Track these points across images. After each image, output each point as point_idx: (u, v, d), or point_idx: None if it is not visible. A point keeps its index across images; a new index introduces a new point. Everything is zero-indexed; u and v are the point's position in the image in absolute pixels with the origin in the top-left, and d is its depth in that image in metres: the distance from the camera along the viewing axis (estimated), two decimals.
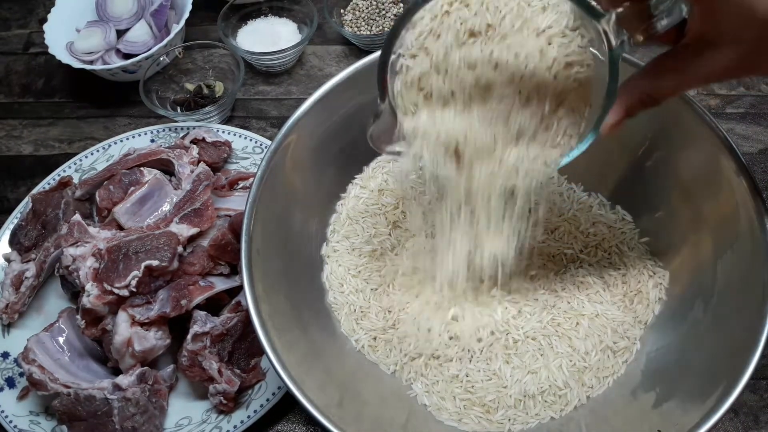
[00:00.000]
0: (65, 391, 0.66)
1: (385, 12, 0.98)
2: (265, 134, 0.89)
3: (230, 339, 0.70)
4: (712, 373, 0.54)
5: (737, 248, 0.59)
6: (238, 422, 0.67)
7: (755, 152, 0.85)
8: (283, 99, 0.95)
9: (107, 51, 0.95)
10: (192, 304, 0.68)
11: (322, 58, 0.99)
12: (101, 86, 0.97)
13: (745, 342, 0.53)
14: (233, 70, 0.92)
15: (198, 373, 0.67)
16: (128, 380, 0.66)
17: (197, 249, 0.72)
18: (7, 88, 1.00)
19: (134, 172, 0.78)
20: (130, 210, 0.74)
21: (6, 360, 0.72)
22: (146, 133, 0.86)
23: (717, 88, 0.91)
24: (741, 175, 0.59)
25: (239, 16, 0.97)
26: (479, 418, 0.60)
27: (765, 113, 0.89)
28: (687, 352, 0.59)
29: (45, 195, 0.79)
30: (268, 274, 0.60)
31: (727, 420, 0.68)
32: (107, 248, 0.69)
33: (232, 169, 0.84)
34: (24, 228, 0.78)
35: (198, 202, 0.73)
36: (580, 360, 0.61)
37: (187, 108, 0.91)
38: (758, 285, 0.55)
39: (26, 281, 0.73)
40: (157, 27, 0.95)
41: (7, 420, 0.68)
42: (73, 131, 0.95)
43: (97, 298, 0.67)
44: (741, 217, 0.58)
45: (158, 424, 0.67)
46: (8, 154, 0.93)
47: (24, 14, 1.09)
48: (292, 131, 0.65)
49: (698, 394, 0.54)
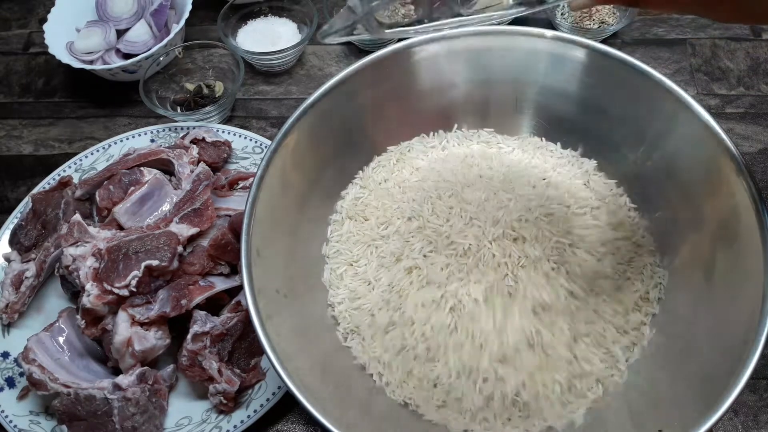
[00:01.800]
0: (65, 391, 0.66)
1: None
2: (265, 134, 0.89)
3: (230, 339, 0.70)
4: (712, 372, 0.54)
5: (737, 248, 0.59)
6: (238, 422, 0.67)
7: (755, 152, 0.86)
8: (283, 99, 0.95)
9: (107, 51, 0.95)
10: (192, 304, 0.68)
11: (322, 58, 0.99)
12: (101, 86, 0.97)
13: (744, 341, 0.53)
14: (233, 70, 0.92)
15: (198, 372, 0.67)
16: (128, 380, 0.66)
17: (197, 249, 0.72)
18: (7, 88, 1.00)
19: (134, 171, 0.78)
20: (130, 210, 0.74)
21: (6, 360, 0.72)
22: (146, 133, 0.86)
23: (717, 88, 0.91)
24: (741, 175, 0.59)
25: (239, 16, 0.97)
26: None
27: (765, 113, 0.89)
28: (687, 352, 0.59)
29: (45, 195, 0.79)
30: (268, 274, 0.60)
31: (727, 420, 0.68)
32: (107, 248, 0.69)
33: (232, 168, 0.84)
34: (24, 228, 0.78)
35: (198, 202, 0.73)
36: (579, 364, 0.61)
37: (187, 108, 0.92)
38: (758, 285, 0.55)
39: (26, 281, 0.73)
40: (157, 27, 0.95)
41: (7, 420, 0.68)
42: (73, 131, 0.95)
43: (97, 298, 0.67)
44: (741, 217, 0.58)
45: (158, 423, 0.67)
46: (8, 154, 0.93)
47: (24, 14, 1.09)
48: (292, 131, 0.65)
49: (698, 393, 0.54)
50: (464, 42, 0.70)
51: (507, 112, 0.75)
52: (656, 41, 0.96)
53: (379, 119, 0.73)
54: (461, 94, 0.74)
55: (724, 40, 0.96)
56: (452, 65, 0.72)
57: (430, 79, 0.73)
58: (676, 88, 0.64)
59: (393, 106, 0.73)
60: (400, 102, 0.73)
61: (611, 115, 0.70)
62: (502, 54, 0.71)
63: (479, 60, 0.72)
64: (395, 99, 0.73)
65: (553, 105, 0.73)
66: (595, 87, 0.70)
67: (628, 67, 0.66)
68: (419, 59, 0.71)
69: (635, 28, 0.98)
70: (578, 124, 0.73)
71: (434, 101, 0.74)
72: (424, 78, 0.72)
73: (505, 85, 0.73)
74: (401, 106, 0.74)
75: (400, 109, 0.74)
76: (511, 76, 0.73)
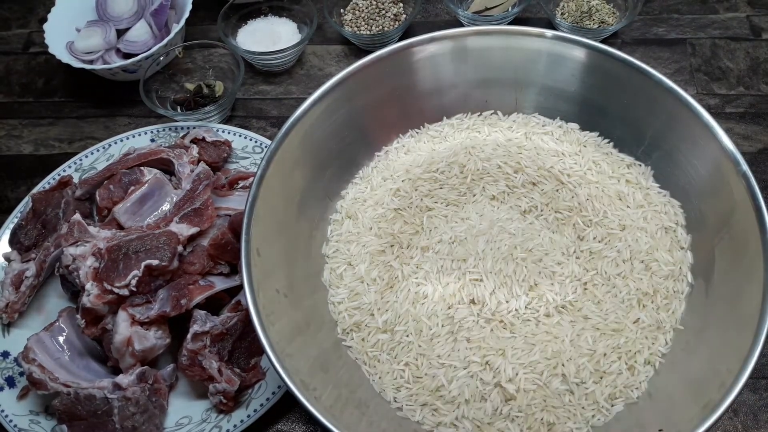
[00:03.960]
0: (65, 391, 0.66)
1: (385, 12, 0.98)
2: (265, 134, 0.89)
3: (230, 338, 0.70)
4: (712, 372, 0.54)
5: (737, 248, 0.59)
6: (238, 421, 0.67)
7: (755, 152, 0.86)
8: (283, 99, 0.95)
9: (107, 50, 0.95)
10: (192, 304, 0.68)
11: (321, 57, 0.99)
12: (101, 86, 0.97)
13: (744, 341, 0.53)
14: (233, 70, 0.92)
15: (198, 372, 0.67)
16: (128, 379, 0.66)
17: (197, 248, 0.72)
18: (7, 88, 1.00)
19: (134, 171, 0.78)
20: (130, 209, 0.74)
21: (6, 359, 0.72)
22: (146, 133, 0.86)
23: (717, 88, 0.91)
24: (740, 175, 0.59)
25: (239, 16, 0.97)
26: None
27: (764, 113, 0.89)
28: (687, 351, 0.59)
29: (45, 194, 0.79)
30: (268, 274, 0.60)
31: (727, 419, 0.68)
32: (107, 248, 0.69)
33: (231, 168, 0.84)
34: (24, 227, 0.78)
35: (198, 202, 0.73)
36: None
37: (187, 107, 0.92)
38: (758, 285, 0.55)
39: (26, 281, 0.73)
40: (157, 26, 0.95)
41: (7, 419, 0.68)
42: (73, 131, 0.95)
43: (97, 298, 0.67)
44: (741, 217, 0.58)
45: (158, 423, 0.67)
46: (8, 153, 0.93)
47: (24, 14, 1.09)
48: (291, 131, 0.65)
49: (699, 393, 0.54)
50: (464, 42, 0.70)
51: (507, 111, 0.75)
52: (656, 41, 0.96)
53: (378, 119, 0.73)
54: (461, 93, 0.74)
55: (724, 39, 0.96)
56: (452, 65, 0.72)
57: (430, 79, 0.73)
58: (676, 87, 0.64)
59: (393, 105, 0.73)
60: (400, 102, 0.73)
61: (611, 115, 0.70)
62: (502, 54, 0.71)
63: (479, 60, 0.72)
64: (395, 99, 0.73)
65: (552, 105, 0.73)
66: (595, 87, 0.70)
67: (628, 67, 0.66)
68: (419, 59, 0.71)
69: (635, 28, 0.98)
70: (578, 123, 0.73)
71: (434, 101, 0.74)
72: (424, 78, 0.72)
73: (505, 84, 0.73)
74: (401, 106, 0.74)
75: (400, 109, 0.74)
76: (511, 75, 0.73)
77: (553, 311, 0.61)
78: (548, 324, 0.61)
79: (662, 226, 0.66)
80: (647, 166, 0.69)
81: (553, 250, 0.64)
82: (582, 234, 0.65)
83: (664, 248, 0.64)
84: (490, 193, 0.69)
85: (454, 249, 0.65)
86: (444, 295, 0.63)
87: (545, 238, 0.65)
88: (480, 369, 0.59)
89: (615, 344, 0.60)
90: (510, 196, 0.68)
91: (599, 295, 0.62)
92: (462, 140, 0.74)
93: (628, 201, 0.67)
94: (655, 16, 0.99)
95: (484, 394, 0.59)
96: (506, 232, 0.65)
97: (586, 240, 0.65)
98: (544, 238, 0.65)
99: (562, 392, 0.58)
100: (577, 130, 0.73)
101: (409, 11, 0.97)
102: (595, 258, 0.64)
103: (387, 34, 0.94)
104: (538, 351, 0.59)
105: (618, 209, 0.67)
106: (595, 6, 0.96)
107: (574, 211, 0.66)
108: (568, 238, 0.65)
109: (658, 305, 0.62)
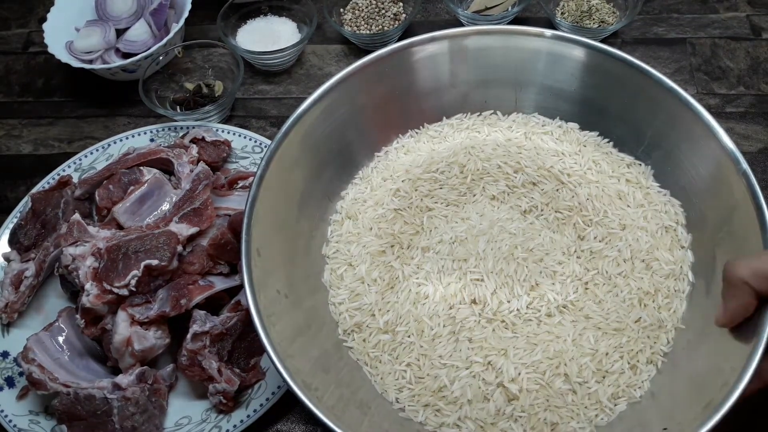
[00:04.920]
0: (65, 391, 0.66)
1: (385, 11, 0.98)
2: (265, 133, 0.89)
3: (230, 338, 0.70)
4: (715, 371, 0.54)
5: (737, 247, 0.59)
6: (238, 421, 0.67)
7: (755, 152, 0.85)
8: (283, 98, 0.95)
9: (107, 50, 0.95)
10: (191, 304, 0.68)
11: (321, 57, 0.99)
12: (101, 85, 0.97)
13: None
14: (233, 70, 0.92)
15: (198, 372, 0.67)
16: (128, 380, 0.66)
17: (197, 248, 0.72)
18: (6, 88, 1.00)
19: (134, 171, 0.78)
20: (129, 209, 0.74)
21: (6, 359, 0.72)
22: (146, 133, 0.86)
23: (717, 88, 0.91)
24: (741, 174, 0.59)
25: (239, 16, 0.97)
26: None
27: (765, 113, 0.89)
28: (688, 351, 0.59)
29: (44, 194, 0.79)
30: (268, 274, 0.60)
31: None
32: (107, 247, 0.69)
33: (231, 168, 0.84)
34: (23, 227, 0.78)
35: (197, 202, 0.73)
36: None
37: (186, 107, 0.91)
38: None
39: (26, 280, 0.73)
40: (157, 26, 0.95)
41: (7, 419, 0.68)
42: (72, 130, 0.95)
43: (97, 298, 0.66)
44: (741, 217, 0.58)
45: (158, 423, 0.67)
46: (8, 153, 0.93)
47: (23, 13, 1.09)
48: (291, 130, 0.65)
49: (701, 392, 0.54)
50: (464, 41, 0.70)
51: (507, 111, 0.75)
52: (656, 41, 0.96)
53: (378, 119, 0.73)
54: (460, 93, 0.74)
55: (724, 39, 0.96)
56: (452, 65, 0.72)
57: (429, 79, 0.73)
58: (676, 87, 0.64)
59: (392, 105, 0.73)
60: (400, 102, 0.73)
61: (611, 115, 0.70)
62: (502, 53, 0.71)
63: (479, 59, 0.72)
64: (395, 99, 0.72)
65: (552, 104, 0.73)
66: (594, 86, 0.70)
67: (628, 67, 0.66)
68: (419, 59, 0.71)
69: (635, 28, 0.98)
70: (578, 123, 0.73)
71: (434, 101, 0.74)
72: (424, 77, 0.72)
73: (505, 84, 0.73)
74: (401, 106, 0.73)
75: (399, 109, 0.74)
76: (511, 75, 0.73)
77: (555, 311, 0.61)
78: (550, 324, 0.61)
79: (663, 226, 0.66)
80: (647, 165, 0.69)
81: (553, 250, 0.64)
82: (582, 233, 0.65)
83: (665, 247, 0.64)
84: (490, 193, 0.69)
85: (455, 249, 0.65)
86: (445, 295, 0.63)
87: (546, 237, 0.65)
88: (482, 369, 0.59)
89: (617, 343, 0.60)
90: (510, 196, 0.68)
91: (600, 294, 0.62)
92: (462, 140, 0.74)
93: (629, 200, 0.67)
94: (655, 16, 0.99)
95: (486, 394, 0.59)
96: (507, 232, 0.65)
97: (586, 239, 0.65)
98: (544, 237, 0.65)
99: (565, 392, 0.58)
100: (576, 129, 0.73)
101: (409, 11, 0.97)
102: (595, 257, 0.64)
103: (387, 34, 0.94)
104: (540, 351, 0.59)
105: (618, 209, 0.67)
106: (595, 5, 0.96)
107: (574, 211, 0.66)
108: (569, 237, 0.65)
109: (659, 304, 0.62)
